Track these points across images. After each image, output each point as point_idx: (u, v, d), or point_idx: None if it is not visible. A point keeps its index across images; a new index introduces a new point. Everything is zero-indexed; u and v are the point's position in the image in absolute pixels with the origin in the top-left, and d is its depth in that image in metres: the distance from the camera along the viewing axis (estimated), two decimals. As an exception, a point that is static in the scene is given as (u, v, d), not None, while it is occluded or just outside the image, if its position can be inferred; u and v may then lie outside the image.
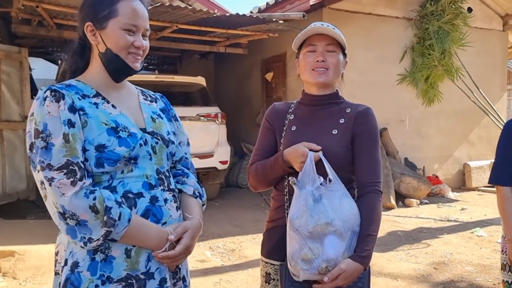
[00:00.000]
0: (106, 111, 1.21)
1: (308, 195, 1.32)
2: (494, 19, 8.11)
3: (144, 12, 1.25)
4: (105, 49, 1.22)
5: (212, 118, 6.15)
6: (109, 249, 1.14)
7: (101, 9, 1.21)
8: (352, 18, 6.68)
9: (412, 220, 5.43)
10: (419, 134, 7.42)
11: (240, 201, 6.48)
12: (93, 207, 1.09)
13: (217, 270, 3.70)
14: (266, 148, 1.57)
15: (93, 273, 1.13)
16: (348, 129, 1.47)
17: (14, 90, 5.61)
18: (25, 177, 5.71)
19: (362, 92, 6.69)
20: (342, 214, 1.32)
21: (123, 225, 1.12)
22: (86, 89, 1.23)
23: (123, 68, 1.24)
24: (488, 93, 7.08)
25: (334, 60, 1.47)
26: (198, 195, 1.36)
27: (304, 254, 1.29)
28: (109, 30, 1.21)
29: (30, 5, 4.72)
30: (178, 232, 1.21)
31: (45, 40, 7.11)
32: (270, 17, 5.75)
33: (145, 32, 1.26)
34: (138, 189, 1.19)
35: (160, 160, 1.27)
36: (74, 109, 1.15)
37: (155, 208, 1.21)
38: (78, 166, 1.11)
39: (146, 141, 1.24)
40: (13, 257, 3.55)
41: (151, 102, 1.38)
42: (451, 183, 7.52)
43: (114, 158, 1.15)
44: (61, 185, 1.09)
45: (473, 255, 4.05)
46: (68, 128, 1.12)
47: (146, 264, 1.18)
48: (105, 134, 1.16)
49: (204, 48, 7.28)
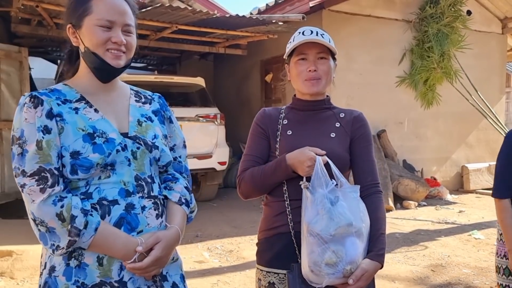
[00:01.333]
0: (86, 116, 1.18)
1: (324, 198, 1.30)
2: (493, 22, 8.13)
3: (122, 6, 1.20)
4: (84, 48, 1.19)
5: (211, 119, 6.16)
6: (82, 256, 1.13)
7: (77, 9, 1.19)
8: (351, 20, 6.69)
9: (410, 222, 5.44)
10: (418, 136, 7.44)
11: (238, 202, 6.48)
12: (60, 215, 1.08)
13: (214, 271, 3.70)
14: (259, 154, 1.53)
15: (68, 279, 1.12)
16: (346, 133, 1.50)
17: (13, 89, 5.61)
18: (23, 176, 5.70)
19: (361, 94, 6.71)
20: (360, 215, 1.33)
21: (89, 234, 1.10)
22: (70, 94, 1.21)
23: (102, 66, 1.19)
24: (486, 96, 7.10)
25: (326, 67, 1.47)
26: (184, 202, 1.30)
27: (328, 258, 1.27)
28: (84, 28, 1.18)
29: (30, 4, 4.72)
30: (148, 243, 1.15)
31: (45, 40, 7.11)
32: (270, 19, 5.76)
33: (126, 28, 1.20)
34: (113, 196, 1.16)
35: (141, 166, 1.22)
36: (52, 115, 1.13)
37: (130, 216, 1.17)
38: (50, 173, 1.10)
39: (125, 147, 1.20)
40: (11, 257, 3.55)
41: (144, 104, 1.34)
42: (449, 185, 7.53)
43: (87, 165, 1.12)
44: (31, 191, 1.09)
45: (470, 258, 4.06)
46: (42, 135, 1.10)
47: (119, 273, 1.15)
48: (81, 140, 1.13)
49: (204, 49, 7.28)
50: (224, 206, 6.22)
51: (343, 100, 6.30)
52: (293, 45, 1.47)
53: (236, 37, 6.72)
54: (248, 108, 8.60)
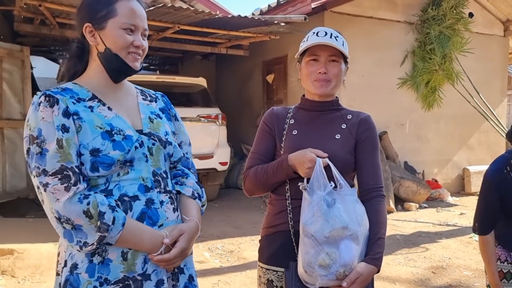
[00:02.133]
0: (101, 114, 1.21)
1: (320, 200, 1.31)
2: (495, 24, 8.13)
3: (142, 12, 1.26)
4: (104, 48, 1.22)
5: (213, 119, 6.16)
6: (106, 252, 1.16)
7: (99, 10, 1.21)
8: (353, 22, 6.69)
9: (411, 224, 5.43)
10: (419, 138, 7.44)
11: (239, 202, 6.49)
12: (87, 212, 1.10)
13: (215, 271, 3.70)
14: (265, 152, 1.55)
15: (91, 275, 1.14)
16: (351, 135, 1.50)
17: (15, 88, 5.62)
18: (25, 175, 5.71)
19: (363, 96, 6.70)
20: (357, 218, 1.33)
21: (117, 229, 1.13)
22: (82, 93, 1.23)
23: (122, 67, 1.23)
24: (488, 98, 7.09)
25: (336, 70, 1.47)
26: (197, 196, 1.35)
27: (321, 260, 1.28)
28: (108, 30, 1.21)
29: (32, 3, 4.73)
30: (174, 235, 1.20)
31: (47, 39, 7.11)
32: (272, 19, 5.76)
33: (144, 32, 1.26)
34: (133, 192, 1.19)
35: (157, 161, 1.26)
36: (68, 114, 1.15)
37: (150, 211, 1.20)
38: (72, 171, 1.11)
39: (142, 143, 1.23)
40: (12, 255, 3.56)
41: (151, 102, 1.37)
42: (450, 188, 7.53)
43: (108, 162, 1.15)
44: (55, 190, 1.10)
45: (471, 260, 4.06)
46: (61, 133, 1.12)
47: (142, 266, 1.18)
48: (100, 138, 1.16)
49: (206, 49, 7.29)
50: (225, 207, 6.22)
51: (344, 101, 6.23)
52: (305, 45, 1.47)
53: (238, 37, 6.73)
54: (249, 109, 8.61)
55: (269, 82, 7.98)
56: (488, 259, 1.91)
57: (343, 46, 1.46)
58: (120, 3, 1.21)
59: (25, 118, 4.25)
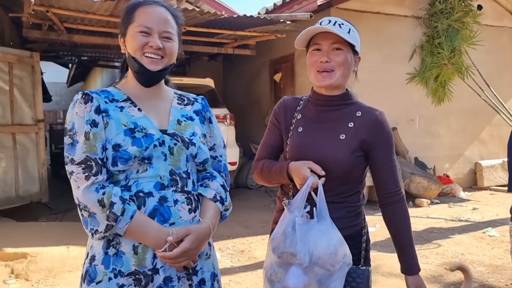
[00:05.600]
0: (129, 113, 1.28)
1: (291, 220, 1.34)
2: (505, 16, 8.01)
3: (162, 15, 1.29)
4: (127, 54, 1.31)
5: (221, 119, 6.17)
6: (119, 244, 1.22)
7: (124, 19, 1.32)
8: (360, 18, 6.65)
9: (423, 220, 5.38)
10: (429, 133, 7.36)
11: (249, 202, 6.49)
12: (101, 201, 1.17)
13: (226, 271, 3.71)
14: (273, 144, 1.57)
15: (107, 267, 1.21)
16: (356, 135, 1.43)
17: (26, 94, 5.69)
18: (37, 179, 5.79)
19: (371, 92, 6.65)
20: (313, 250, 1.29)
21: (125, 221, 1.18)
22: (118, 95, 1.32)
23: (141, 70, 1.28)
24: (499, 91, 6.99)
25: (340, 59, 1.40)
26: (219, 199, 1.36)
27: (270, 274, 1.35)
28: (128, 36, 1.29)
29: (40, 10, 4.78)
30: (179, 235, 1.22)
31: (56, 44, 7.19)
32: (278, 18, 5.75)
33: (164, 34, 1.28)
34: (149, 189, 1.23)
35: (177, 161, 1.28)
36: (99, 111, 1.24)
37: (163, 208, 1.24)
38: (95, 162, 1.19)
39: (163, 142, 1.27)
40: (26, 259, 3.61)
41: (186, 106, 1.41)
42: (462, 183, 7.44)
43: (126, 157, 1.20)
44: (78, 178, 1.19)
45: (485, 256, 4.00)
46: (90, 127, 1.21)
47: (152, 261, 1.22)
48: (122, 134, 1.22)
49: (213, 49, 7.30)
50: (235, 206, 6.16)
51: (353, 98, 6.24)
52: (305, 33, 1.42)
53: (244, 37, 6.73)
54: (257, 108, 8.60)
55: (277, 81, 7.97)
56: None
57: (349, 34, 1.39)
58: (139, 10, 1.29)
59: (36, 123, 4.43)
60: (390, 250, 4.16)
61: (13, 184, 5.47)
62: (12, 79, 5.47)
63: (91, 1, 4.62)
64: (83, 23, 5.58)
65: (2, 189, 5.33)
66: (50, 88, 11.42)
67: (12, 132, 5.46)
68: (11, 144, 5.45)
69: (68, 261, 3.66)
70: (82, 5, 4.75)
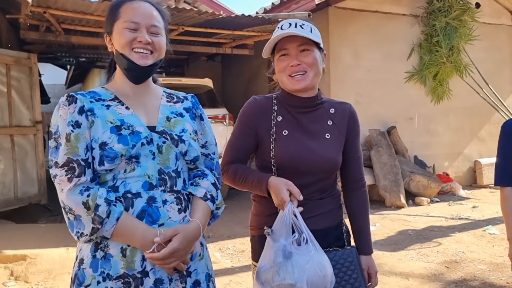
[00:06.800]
0: (116, 111, 1.25)
1: (279, 249, 1.27)
2: (503, 14, 8.01)
3: (147, 9, 1.27)
4: (115, 51, 1.28)
5: (220, 120, 6.16)
6: (107, 247, 1.19)
7: (110, 17, 1.29)
8: (358, 16, 6.65)
9: (423, 219, 5.38)
10: (428, 131, 7.36)
11: (248, 202, 6.42)
12: (86, 204, 1.14)
13: (226, 271, 3.70)
14: (246, 147, 1.51)
15: (95, 270, 1.18)
16: (340, 133, 1.48)
17: (24, 95, 5.68)
18: (36, 181, 5.77)
19: (370, 91, 6.65)
20: (309, 277, 1.27)
21: (111, 223, 1.15)
22: (106, 95, 1.29)
23: (130, 66, 1.25)
24: (498, 89, 6.99)
25: (310, 59, 1.40)
26: (210, 198, 1.31)
27: None
28: (115, 33, 1.27)
29: (37, 11, 4.76)
30: (166, 235, 1.18)
31: (54, 46, 7.18)
32: (276, 17, 5.74)
33: (151, 29, 1.26)
34: (137, 189, 1.20)
35: (166, 160, 1.25)
36: (82, 111, 1.21)
37: (151, 208, 1.20)
38: (77, 163, 1.17)
39: (151, 140, 1.23)
40: (25, 261, 3.59)
41: (176, 103, 1.38)
42: (462, 181, 7.44)
43: (112, 156, 1.17)
44: (61, 181, 1.17)
45: (485, 253, 4.00)
46: (72, 129, 1.18)
47: (141, 264, 1.19)
48: (108, 132, 1.19)
49: (211, 50, 7.30)
50: (235, 207, 6.21)
51: (351, 97, 6.25)
52: (271, 41, 1.41)
53: (242, 37, 6.72)
54: (256, 108, 8.58)
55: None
56: (507, 215, 1.90)
57: (311, 33, 1.38)
58: (124, 6, 1.26)
59: (34, 124, 4.39)
60: (390, 249, 4.15)
61: (11, 186, 5.45)
62: (10, 80, 5.45)
63: (89, 2, 4.60)
64: (80, 24, 5.56)
65: (1, 191, 5.31)
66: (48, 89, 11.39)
67: (10, 134, 5.44)
68: (9, 146, 5.43)
69: (67, 263, 3.64)
70: (80, 5, 4.73)
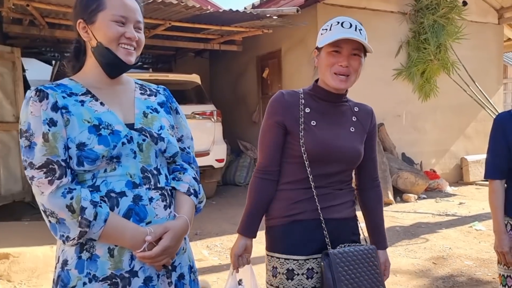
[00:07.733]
0: (92, 108, 1.19)
1: None
2: (490, 12, 8.09)
3: (133, 4, 1.24)
4: (96, 43, 1.20)
5: (208, 116, 6.11)
6: (93, 248, 1.15)
7: (89, 4, 1.20)
8: (346, 13, 6.61)
9: (410, 215, 5.41)
10: (416, 129, 7.41)
11: (236, 199, 6.45)
12: (70, 207, 1.10)
13: (214, 269, 3.67)
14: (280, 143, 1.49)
15: (81, 271, 1.15)
16: (363, 129, 1.55)
17: (7, 90, 5.55)
18: (20, 178, 5.66)
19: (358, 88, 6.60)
20: None
21: (99, 225, 1.12)
22: (76, 88, 1.22)
23: (115, 61, 1.21)
24: (484, 87, 7.07)
25: (357, 64, 1.44)
26: (193, 192, 1.32)
27: None
28: (98, 24, 1.19)
29: (20, 4, 4.66)
30: (157, 233, 1.17)
31: (38, 40, 7.04)
32: (264, 13, 5.70)
33: (137, 24, 1.23)
34: (121, 188, 1.17)
35: (147, 158, 1.23)
36: (57, 108, 1.15)
37: (138, 207, 1.18)
38: (58, 165, 1.11)
39: (131, 139, 1.20)
40: (8, 259, 3.51)
41: (149, 96, 1.35)
42: (449, 178, 7.51)
43: (93, 157, 1.13)
44: (40, 184, 1.11)
45: (472, 249, 4.03)
46: (48, 127, 1.12)
47: (129, 263, 1.17)
48: (86, 132, 1.15)
49: (199, 45, 7.23)
50: (223, 204, 6.18)
51: (340, 94, 6.24)
52: (332, 37, 1.39)
53: (230, 32, 6.67)
54: (244, 105, 8.55)
55: (264, 77, 7.92)
56: (495, 207, 1.92)
57: (365, 40, 1.43)
58: None
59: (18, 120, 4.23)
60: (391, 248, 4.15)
61: (-6, 184, 5.34)
62: (-8, 75, 5.33)
63: (73, -5, 4.51)
64: (65, 18, 5.45)
65: (-17, 189, 5.20)
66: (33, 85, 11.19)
67: (-8, 130, 5.33)
68: (-8, 142, 5.32)
69: (51, 261, 3.56)
70: (64, -1, 4.64)
